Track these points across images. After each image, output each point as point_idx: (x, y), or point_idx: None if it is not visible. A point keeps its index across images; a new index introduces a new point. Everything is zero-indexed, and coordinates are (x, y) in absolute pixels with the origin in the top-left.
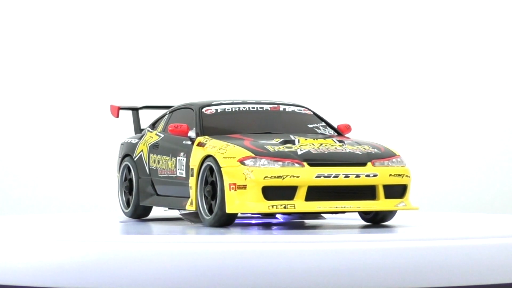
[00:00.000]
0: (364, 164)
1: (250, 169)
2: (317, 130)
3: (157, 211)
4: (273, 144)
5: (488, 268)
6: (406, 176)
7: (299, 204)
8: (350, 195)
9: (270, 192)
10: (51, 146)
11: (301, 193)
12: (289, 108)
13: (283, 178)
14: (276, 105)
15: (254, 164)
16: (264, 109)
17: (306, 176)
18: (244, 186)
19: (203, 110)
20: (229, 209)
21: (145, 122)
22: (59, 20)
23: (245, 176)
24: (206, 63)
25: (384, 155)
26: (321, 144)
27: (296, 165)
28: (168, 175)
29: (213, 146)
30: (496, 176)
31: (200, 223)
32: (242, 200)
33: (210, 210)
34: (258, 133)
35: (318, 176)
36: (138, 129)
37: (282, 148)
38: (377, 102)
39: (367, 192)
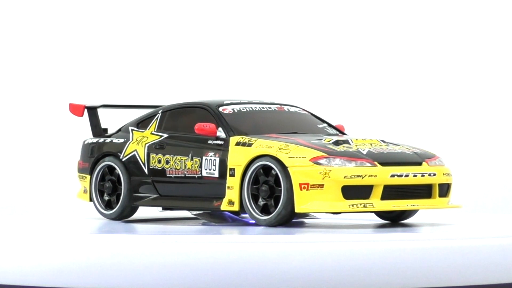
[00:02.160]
0: (420, 164)
1: (328, 169)
2: (327, 130)
3: (140, 212)
4: (328, 143)
5: (488, 268)
6: (451, 175)
7: (376, 203)
8: (415, 193)
9: (348, 192)
10: None
11: (377, 192)
12: (291, 109)
13: (362, 178)
14: (280, 106)
15: (329, 164)
16: (272, 109)
17: (382, 175)
18: (321, 186)
19: (220, 109)
20: (299, 209)
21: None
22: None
23: (322, 176)
24: (191, 62)
25: (430, 155)
26: (371, 144)
27: (368, 164)
28: (186, 175)
29: (268, 145)
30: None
31: (217, 223)
32: (317, 200)
33: (263, 210)
34: (285, 133)
35: (392, 176)
36: (99, 129)
37: (344, 147)
38: (371, 102)
39: (425, 191)
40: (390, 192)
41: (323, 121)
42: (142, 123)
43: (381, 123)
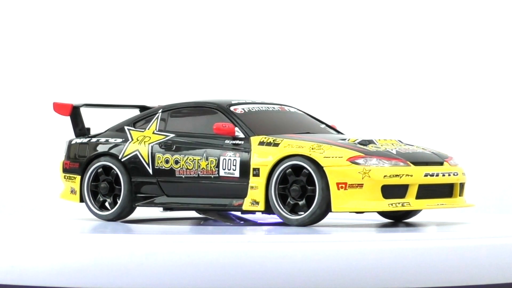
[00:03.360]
0: (442, 164)
1: (367, 168)
2: (329, 130)
3: (138, 212)
4: (354, 143)
5: (488, 268)
6: (465, 174)
7: (412, 202)
8: (440, 193)
9: (387, 191)
10: None
11: (413, 191)
12: (291, 109)
13: (400, 177)
14: (281, 106)
15: (366, 163)
16: (276, 109)
17: (417, 175)
18: (360, 185)
19: (231, 109)
20: (336, 208)
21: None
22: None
23: (362, 175)
24: (182, 61)
25: (446, 156)
26: (393, 144)
27: (402, 164)
28: (200, 175)
29: (298, 145)
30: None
31: (225, 223)
32: (356, 199)
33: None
34: (299, 132)
35: (426, 175)
36: (83, 129)
37: (372, 147)
38: (367, 103)
39: (447, 190)
40: (423, 191)
41: (320, 121)
42: (139, 123)
43: (377, 123)
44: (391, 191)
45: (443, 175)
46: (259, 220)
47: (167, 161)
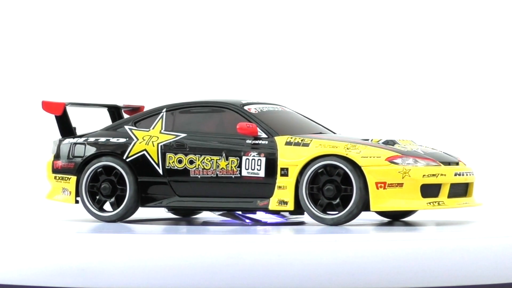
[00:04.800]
0: (457, 163)
1: (407, 168)
2: (324, 127)
3: (139, 213)
4: (379, 143)
5: (488, 268)
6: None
7: (445, 201)
8: (461, 192)
9: (424, 190)
10: None
11: (445, 190)
12: (288, 109)
13: (437, 176)
14: (281, 106)
15: (403, 163)
16: (280, 109)
17: (449, 174)
18: (400, 185)
19: (245, 109)
20: (375, 207)
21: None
22: None
23: (402, 175)
24: (173, 61)
25: (456, 156)
26: (410, 144)
27: (434, 164)
28: (218, 175)
29: (331, 145)
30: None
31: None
32: (396, 198)
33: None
34: (314, 133)
35: (456, 174)
36: (70, 128)
37: (400, 147)
38: (361, 103)
39: (464, 189)
40: (452, 190)
41: (312, 120)
42: (140, 122)
43: (372, 123)
44: (429, 190)
45: (467, 175)
46: (263, 220)
47: (180, 161)
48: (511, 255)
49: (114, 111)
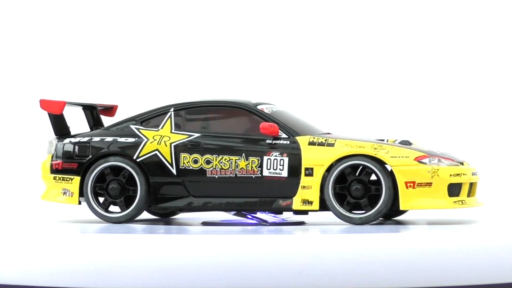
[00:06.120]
0: (462, 164)
1: (435, 168)
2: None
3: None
4: (395, 143)
5: (488, 268)
6: None
7: (466, 199)
8: (470, 191)
9: (450, 189)
10: None
11: (465, 189)
12: (284, 109)
13: (460, 176)
14: (276, 106)
15: (429, 163)
16: (281, 109)
17: (468, 173)
18: (429, 184)
19: (259, 108)
20: (404, 206)
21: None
22: None
23: (431, 174)
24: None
25: None
26: (417, 144)
27: (455, 163)
28: (237, 175)
29: (358, 145)
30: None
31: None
32: (425, 197)
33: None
34: (325, 133)
35: (473, 174)
36: (66, 127)
37: (417, 147)
38: (356, 103)
39: (470, 189)
40: (469, 189)
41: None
42: (146, 122)
43: (368, 123)
44: (453, 189)
45: (476, 174)
46: (269, 220)
47: (195, 161)
48: (511, 255)
49: (90, 111)
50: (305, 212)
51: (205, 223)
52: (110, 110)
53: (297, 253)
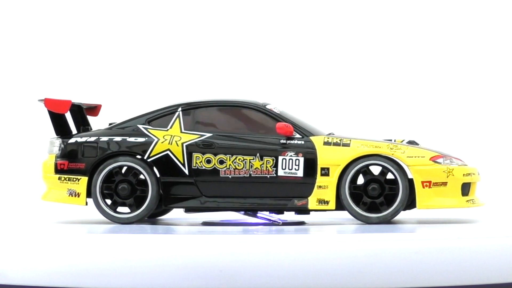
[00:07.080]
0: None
1: (450, 168)
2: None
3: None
4: (403, 143)
5: (488, 268)
6: None
7: (475, 199)
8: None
9: (463, 189)
10: None
11: (473, 189)
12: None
13: (471, 176)
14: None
15: (443, 162)
16: (282, 110)
17: (476, 173)
18: (444, 183)
19: (268, 108)
20: (421, 206)
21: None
22: None
23: (447, 174)
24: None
25: None
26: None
27: (461, 163)
28: (252, 175)
29: (374, 145)
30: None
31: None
32: (440, 196)
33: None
34: (329, 133)
35: (478, 174)
36: (67, 127)
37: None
38: (353, 103)
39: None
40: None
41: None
42: (154, 122)
43: (363, 123)
44: (465, 189)
45: (479, 174)
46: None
47: (208, 161)
48: (511, 255)
49: (77, 110)
50: (306, 212)
51: (205, 223)
52: (93, 109)
53: (296, 253)
